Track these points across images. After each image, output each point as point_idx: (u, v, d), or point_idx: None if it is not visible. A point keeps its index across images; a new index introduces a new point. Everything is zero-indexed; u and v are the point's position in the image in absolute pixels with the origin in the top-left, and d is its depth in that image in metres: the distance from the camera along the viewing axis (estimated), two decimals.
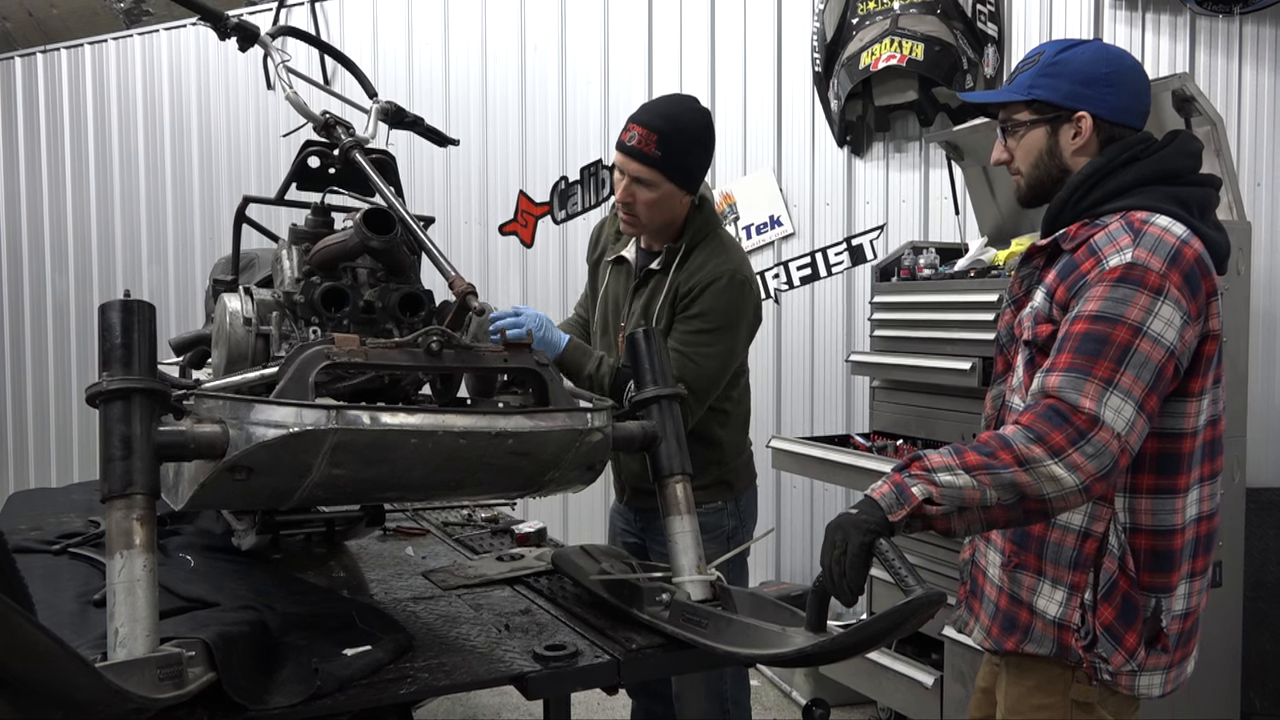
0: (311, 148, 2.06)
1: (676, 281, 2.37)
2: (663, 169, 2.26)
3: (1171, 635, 1.66)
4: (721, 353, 2.34)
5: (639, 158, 2.26)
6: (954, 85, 3.98)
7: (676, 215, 2.37)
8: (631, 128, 2.28)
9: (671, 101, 2.36)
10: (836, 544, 1.45)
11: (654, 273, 2.42)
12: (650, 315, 2.40)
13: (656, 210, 2.32)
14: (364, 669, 1.54)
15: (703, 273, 2.33)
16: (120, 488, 1.39)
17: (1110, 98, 1.71)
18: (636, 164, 2.26)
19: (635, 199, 2.30)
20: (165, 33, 5.87)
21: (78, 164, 6.13)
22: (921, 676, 3.24)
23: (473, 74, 5.21)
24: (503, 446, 1.59)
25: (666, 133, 2.24)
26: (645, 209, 2.31)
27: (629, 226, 2.40)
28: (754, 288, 2.43)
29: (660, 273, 2.41)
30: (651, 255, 2.46)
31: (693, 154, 2.30)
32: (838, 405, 4.54)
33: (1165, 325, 1.54)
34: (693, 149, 2.29)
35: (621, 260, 2.53)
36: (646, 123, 2.26)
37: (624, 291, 2.50)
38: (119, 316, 1.46)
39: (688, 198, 2.35)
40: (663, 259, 2.41)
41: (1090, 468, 1.48)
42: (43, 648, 1.02)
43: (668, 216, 2.35)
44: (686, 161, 2.28)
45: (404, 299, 1.83)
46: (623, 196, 2.31)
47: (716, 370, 2.35)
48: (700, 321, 2.32)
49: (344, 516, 2.18)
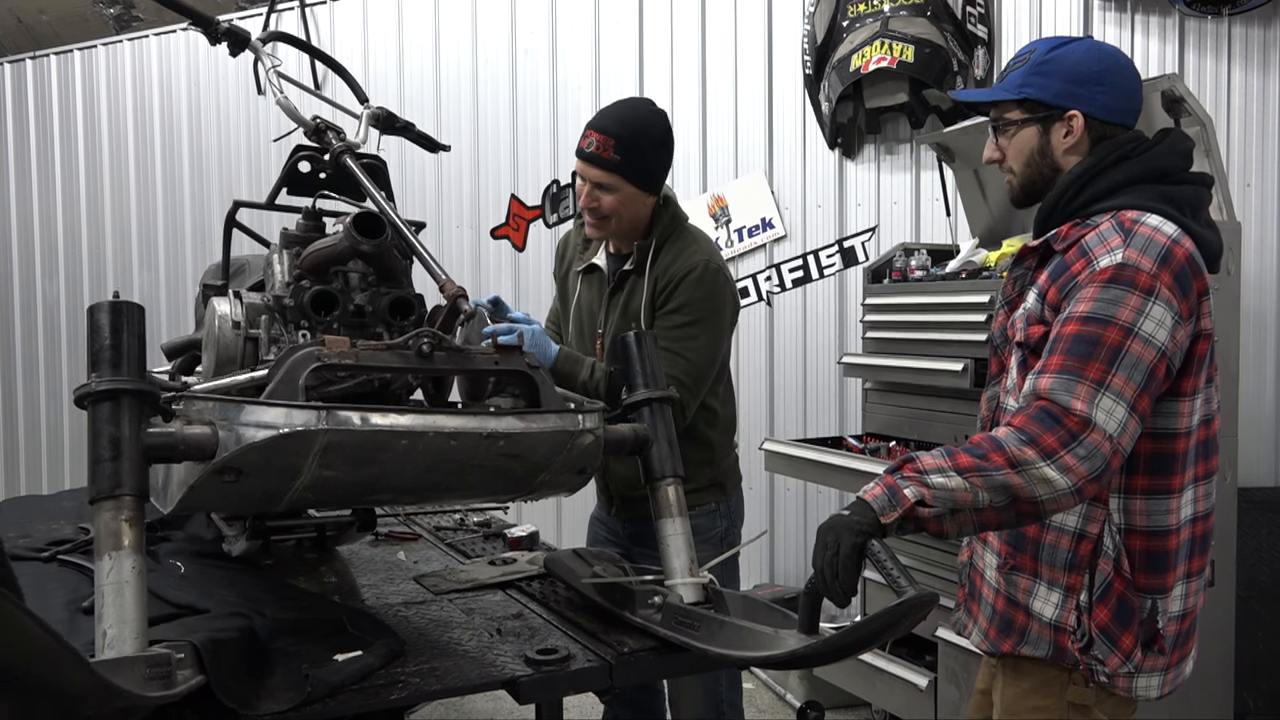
0: (302, 152, 2.05)
1: (654, 277, 2.38)
2: (622, 172, 2.28)
3: (1168, 637, 1.66)
4: (707, 344, 2.35)
5: (598, 163, 2.28)
6: (944, 87, 3.99)
7: (641, 216, 2.38)
8: (589, 134, 2.30)
9: (627, 106, 2.38)
10: (829, 545, 1.45)
11: (629, 274, 2.43)
12: (630, 316, 2.41)
13: (621, 213, 2.33)
14: (355, 674, 1.54)
15: (676, 265, 2.35)
16: (109, 489, 1.38)
17: (1102, 96, 1.71)
18: (596, 170, 2.29)
19: (599, 204, 2.32)
20: (155, 38, 5.86)
21: (68, 169, 6.10)
22: (915, 678, 3.24)
23: (464, 78, 5.20)
24: (494, 448, 1.59)
25: (623, 136, 2.27)
26: (609, 213, 2.33)
27: (595, 231, 2.42)
28: (728, 275, 2.45)
29: (634, 272, 2.42)
30: (622, 259, 2.46)
31: (651, 155, 2.32)
32: (830, 407, 4.54)
33: (1156, 326, 1.54)
34: (650, 150, 2.32)
35: (592, 269, 2.54)
36: (603, 128, 2.29)
37: (598, 298, 2.51)
38: (108, 318, 1.45)
39: (651, 198, 2.37)
40: (635, 258, 2.41)
41: (1082, 470, 1.47)
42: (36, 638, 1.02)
43: (632, 218, 2.37)
44: (645, 163, 2.31)
45: (394, 303, 1.82)
46: (586, 203, 2.34)
47: (706, 361, 2.35)
48: (681, 315, 2.33)
49: (335, 521, 2.17)
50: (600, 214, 2.34)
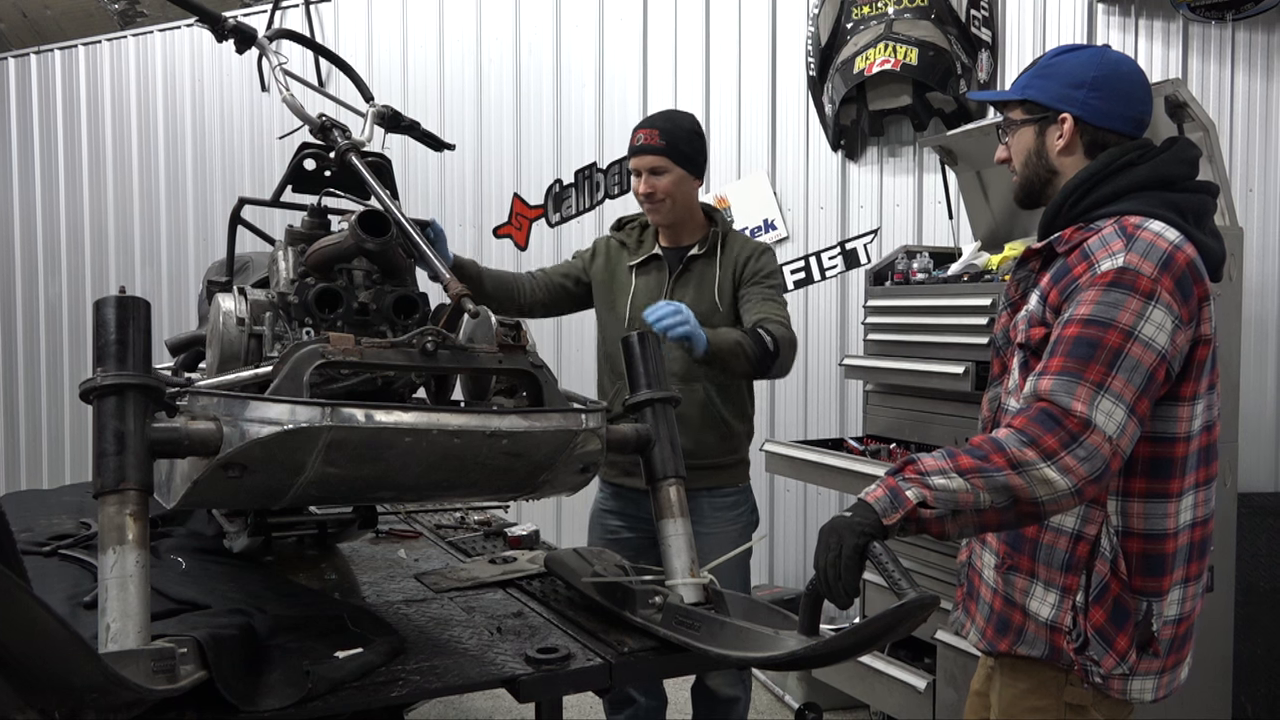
0: (308, 150, 2.05)
1: (731, 257, 2.67)
2: (669, 155, 2.62)
3: (1164, 640, 1.66)
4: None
5: (649, 150, 2.62)
6: (948, 90, 3.99)
7: (690, 200, 2.70)
8: (638, 132, 2.67)
9: (663, 111, 2.79)
10: (830, 547, 1.45)
11: (696, 258, 2.69)
12: (705, 294, 2.65)
13: (674, 194, 2.64)
14: (355, 671, 1.54)
15: (749, 247, 2.71)
16: (113, 483, 1.39)
17: (1093, 101, 1.72)
18: (649, 156, 2.62)
19: (655, 188, 2.62)
20: (159, 34, 5.86)
21: (71, 165, 6.11)
22: (914, 680, 3.24)
23: (467, 76, 5.21)
24: (497, 446, 1.59)
25: (666, 128, 2.64)
26: (665, 195, 2.62)
27: (655, 215, 2.69)
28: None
29: (704, 256, 2.69)
30: (680, 250, 2.72)
31: (691, 141, 2.67)
32: (831, 409, 4.54)
33: (1157, 329, 1.54)
34: (689, 138, 2.67)
35: (650, 260, 2.75)
36: (649, 123, 2.68)
37: (658, 286, 2.72)
38: (114, 313, 1.45)
39: (696, 182, 2.70)
40: (706, 243, 2.70)
41: (1082, 471, 1.48)
42: (44, 626, 1.02)
43: (685, 201, 2.68)
44: (689, 147, 2.65)
45: (398, 301, 1.82)
46: (644, 189, 2.64)
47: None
48: (773, 280, 2.68)
49: (336, 519, 2.17)
50: (657, 198, 2.64)
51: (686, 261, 2.69)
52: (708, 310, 2.59)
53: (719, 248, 2.69)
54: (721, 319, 2.61)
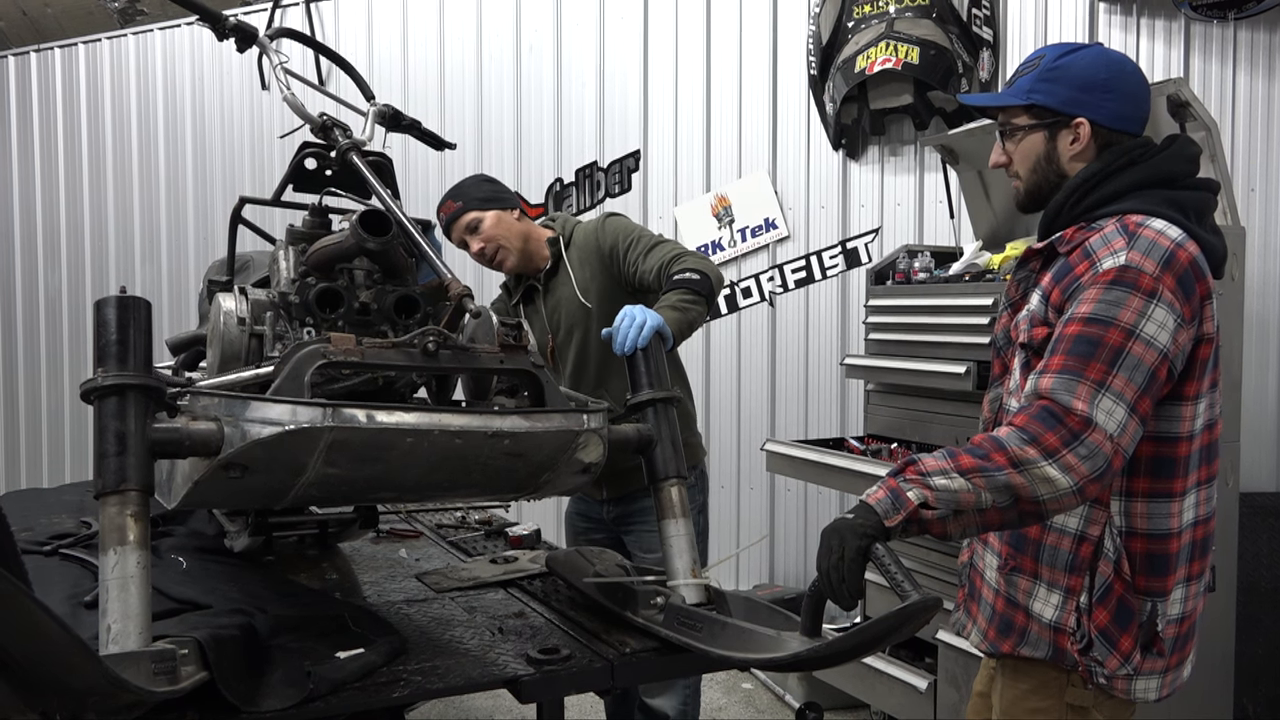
0: (309, 149, 2.05)
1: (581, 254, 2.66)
2: (469, 207, 2.63)
3: (1167, 639, 1.66)
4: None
5: (454, 217, 2.64)
6: (949, 89, 3.99)
7: (516, 230, 2.68)
8: (439, 214, 2.68)
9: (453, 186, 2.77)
10: (833, 549, 1.44)
11: (553, 271, 2.71)
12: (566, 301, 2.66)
13: (499, 236, 2.64)
14: (356, 672, 1.54)
15: (586, 230, 2.71)
16: (114, 483, 1.38)
17: (1109, 104, 1.71)
18: (456, 222, 2.65)
19: (483, 244, 2.64)
20: (160, 32, 5.85)
21: (71, 164, 6.10)
22: (915, 680, 3.24)
23: (468, 75, 5.20)
24: (498, 447, 1.59)
25: (454, 194, 2.67)
26: (495, 244, 2.63)
27: (506, 262, 2.69)
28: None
29: (553, 269, 2.70)
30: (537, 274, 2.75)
31: (479, 186, 2.70)
32: (832, 408, 4.54)
33: (1158, 328, 1.54)
34: (477, 184, 2.71)
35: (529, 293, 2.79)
36: (440, 203, 2.69)
37: (533, 313, 2.76)
38: (115, 313, 1.45)
39: (513, 212, 2.69)
40: (551, 258, 2.70)
41: (1084, 469, 1.48)
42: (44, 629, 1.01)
43: (515, 232, 2.67)
44: (479, 192, 2.67)
45: (399, 301, 1.82)
46: (475, 250, 2.66)
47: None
48: (632, 233, 2.63)
49: (337, 518, 2.17)
50: (488, 252, 2.65)
51: (545, 278, 2.72)
52: (579, 312, 2.65)
53: (564, 251, 2.69)
54: (597, 312, 2.61)
